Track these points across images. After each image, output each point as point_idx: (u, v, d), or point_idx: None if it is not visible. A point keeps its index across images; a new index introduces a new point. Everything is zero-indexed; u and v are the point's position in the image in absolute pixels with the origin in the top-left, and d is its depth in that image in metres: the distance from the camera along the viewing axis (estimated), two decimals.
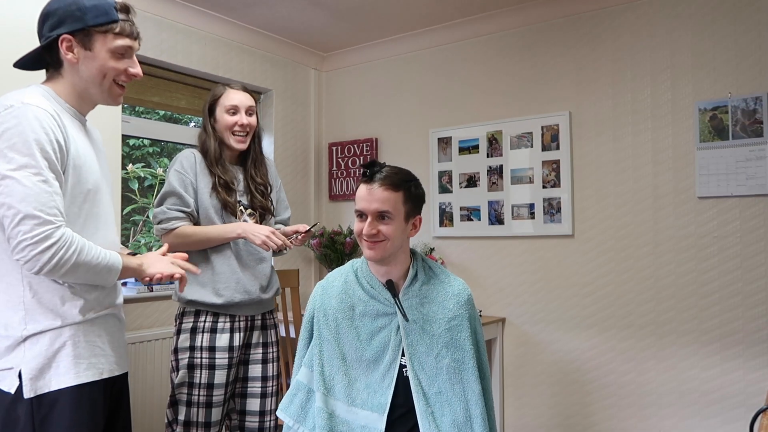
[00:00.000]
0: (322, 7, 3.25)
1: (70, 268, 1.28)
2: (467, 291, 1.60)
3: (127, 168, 3.39)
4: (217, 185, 2.02)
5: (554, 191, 3.14)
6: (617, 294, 2.97)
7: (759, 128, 2.63)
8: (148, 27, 3.02)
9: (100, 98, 1.45)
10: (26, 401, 1.29)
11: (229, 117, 2.04)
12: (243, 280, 2.04)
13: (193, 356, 1.99)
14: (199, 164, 2.03)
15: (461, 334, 1.54)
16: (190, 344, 2.00)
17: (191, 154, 2.05)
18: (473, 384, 1.52)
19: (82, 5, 1.35)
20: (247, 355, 2.09)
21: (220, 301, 1.99)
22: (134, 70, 1.45)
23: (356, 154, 3.92)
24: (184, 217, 1.98)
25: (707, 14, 2.77)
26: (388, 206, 1.51)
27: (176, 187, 1.98)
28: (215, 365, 1.99)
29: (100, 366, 1.39)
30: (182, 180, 2.00)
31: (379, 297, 1.58)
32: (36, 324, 1.32)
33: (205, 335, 2.00)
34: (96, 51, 1.38)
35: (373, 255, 1.53)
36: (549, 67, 3.20)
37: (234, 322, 2.04)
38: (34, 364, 1.30)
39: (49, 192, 1.26)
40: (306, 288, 3.84)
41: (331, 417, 1.54)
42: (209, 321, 2.01)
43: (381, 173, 1.53)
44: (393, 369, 1.54)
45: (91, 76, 1.39)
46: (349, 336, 1.58)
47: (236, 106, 2.04)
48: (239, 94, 2.07)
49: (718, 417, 2.69)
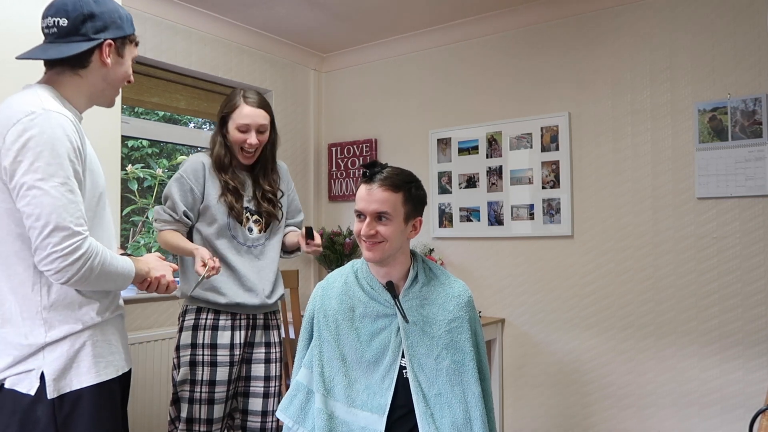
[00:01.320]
0: (322, 7, 3.25)
1: (95, 277, 1.30)
2: (467, 293, 1.60)
3: (127, 169, 3.38)
4: (225, 190, 2.06)
5: (554, 192, 3.14)
6: (617, 295, 2.97)
7: (758, 129, 2.63)
8: (148, 27, 3.02)
9: (105, 101, 1.50)
10: (48, 402, 1.30)
11: (239, 134, 2.04)
12: (248, 283, 2.06)
13: (195, 353, 2.01)
14: (208, 170, 2.06)
15: (461, 336, 1.54)
16: (192, 341, 2.02)
17: (200, 161, 2.07)
18: (473, 386, 1.51)
19: (122, 14, 1.43)
20: (250, 354, 2.11)
21: (223, 300, 2.02)
22: (132, 77, 1.54)
23: (356, 154, 3.92)
24: (172, 221, 2.03)
25: (706, 15, 2.77)
26: (387, 207, 1.50)
27: (173, 192, 2.03)
28: (217, 362, 2.01)
29: (116, 363, 1.42)
30: (182, 185, 2.03)
31: (380, 298, 1.58)
32: (56, 331, 1.33)
33: (207, 332, 2.02)
34: (125, 58, 1.46)
35: (371, 256, 1.53)
36: (548, 68, 3.20)
37: (235, 320, 2.06)
38: (57, 365, 1.32)
39: (75, 202, 1.28)
40: (305, 289, 3.84)
41: (331, 418, 1.54)
42: (210, 318, 2.04)
43: (381, 174, 1.53)
44: (393, 370, 1.54)
45: (116, 80, 1.45)
46: (349, 337, 1.58)
47: (248, 125, 2.04)
48: (253, 111, 2.05)
49: (718, 417, 2.69)
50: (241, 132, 2.04)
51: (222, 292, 2.02)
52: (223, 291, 2.02)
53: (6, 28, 1.81)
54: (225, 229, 2.06)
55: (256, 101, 2.07)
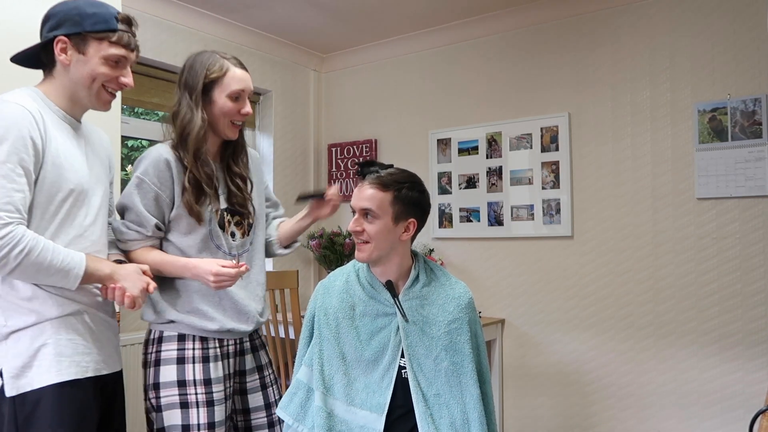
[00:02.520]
0: (322, 8, 3.25)
1: (15, 267, 1.26)
2: (468, 294, 1.60)
3: (127, 169, 3.39)
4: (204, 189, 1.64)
5: (554, 192, 3.14)
6: (617, 295, 2.97)
7: (758, 129, 2.63)
8: (148, 28, 3.02)
9: (88, 102, 1.47)
10: (8, 399, 1.30)
11: (231, 103, 1.65)
12: (239, 304, 1.70)
13: (186, 392, 1.62)
14: (174, 167, 1.62)
15: (461, 338, 1.54)
16: (179, 377, 1.62)
17: (162, 158, 1.62)
18: (471, 387, 1.51)
19: (83, 11, 1.40)
20: (244, 383, 1.77)
21: (213, 326, 1.65)
22: (125, 80, 1.48)
23: (356, 155, 3.92)
24: (143, 238, 1.62)
25: (706, 16, 2.77)
26: (372, 205, 1.51)
27: (135, 203, 1.60)
28: (213, 400, 1.63)
29: (84, 364, 1.38)
30: (144, 193, 1.60)
31: (380, 297, 1.58)
32: (14, 320, 1.33)
33: (197, 366, 1.63)
34: (89, 56, 1.40)
35: (359, 256, 1.55)
36: (548, 69, 3.20)
37: (223, 347, 1.70)
38: (15, 363, 1.31)
39: (6, 188, 1.26)
40: (305, 289, 3.84)
41: (330, 416, 1.54)
42: (198, 348, 1.64)
43: (376, 173, 1.54)
44: (392, 369, 1.54)
45: (81, 78, 1.42)
46: (349, 336, 1.58)
47: (242, 90, 1.67)
48: (245, 74, 1.70)
49: (718, 418, 2.69)
50: (233, 101, 1.66)
51: (211, 316, 1.65)
52: (212, 315, 1.65)
53: (6, 29, 1.81)
54: (208, 240, 1.67)
55: (238, 61, 1.72)
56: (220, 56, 1.68)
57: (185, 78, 1.68)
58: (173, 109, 1.68)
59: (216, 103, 1.65)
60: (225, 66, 1.67)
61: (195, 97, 1.64)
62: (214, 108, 1.66)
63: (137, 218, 1.61)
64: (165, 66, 3.19)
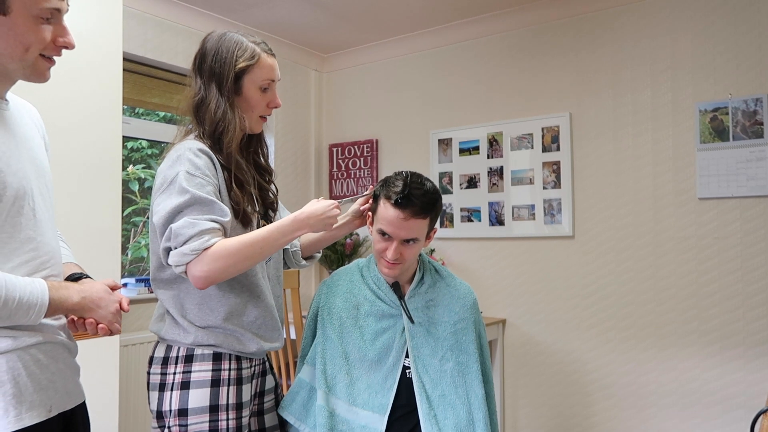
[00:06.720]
0: (322, 8, 3.25)
1: None
2: (472, 295, 1.62)
3: (128, 169, 3.39)
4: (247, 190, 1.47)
5: (555, 192, 3.14)
6: (618, 295, 2.97)
7: (759, 129, 2.63)
8: (149, 28, 3.02)
9: (21, 75, 1.11)
10: None
11: (261, 95, 1.48)
12: (276, 320, 1.52)
13: (217, 418, 1.40)
14: (216, 163, 1.42)
15: (466, 338, 1.55)
16: (212, 402, 1.40)
17: (206, 151, 1.40)
18: (476, 388, 1.52)
19: None
20: (262, 404, 1.60)
21: (255, 347, 1.46)
22: (65, 39, 1.10)
23: (357, 155, 3.92)
24: (221, 229, 1.34)
25: (707, 15, 2.77)
26: (417, 234, 1.52)
27: (198, 195, 1.32)
28: (242, 426, 1.45)
29: (47, 402, 1.10)
30: (201, 185, 1.34)
31: (386, 298, 1.59)
32: None
33: (231, 389, 1.43)
34: (13, 16, 1.03)
35: (390, 273, 1.55)
36: (549, 69, 3.20)
37: (252, 366, 1.51)
38: None
39: None
40: (306, 289, 3.84)
41: (332, 415, 1.54)
42: (234, 369, 1.44)
43: (413, 198, 1.48)
44: (396, 370, 1.54)
45: (7, 48, 1.05)
46: (353, 335, 1.58)
47: (273, 81, 1.50)
48: (275, 62, 1.50)
49: (719, 418, 2.69)
50: (263, 91, 1.48)
51: (261, 334, 1.47)
52: (262, 333, 1.47)
53: None
54: None
55: (271, 48, 1.52)
56: (249, 41, 1.47)
57: (210, 65, 1.45)
58: (194, 98, 1.48)
59: (245, 96, 1.47)
60: (256, 53, 1.45)
61: (226, 89, 1.44)
62: (243, 101, 1.47)
63: (208, 208, 1.32)
64: (165, 66, 3.19)
